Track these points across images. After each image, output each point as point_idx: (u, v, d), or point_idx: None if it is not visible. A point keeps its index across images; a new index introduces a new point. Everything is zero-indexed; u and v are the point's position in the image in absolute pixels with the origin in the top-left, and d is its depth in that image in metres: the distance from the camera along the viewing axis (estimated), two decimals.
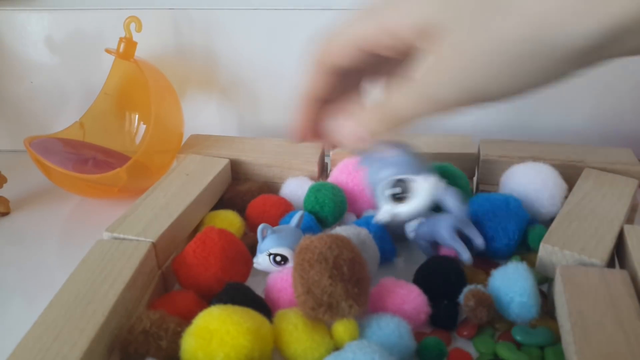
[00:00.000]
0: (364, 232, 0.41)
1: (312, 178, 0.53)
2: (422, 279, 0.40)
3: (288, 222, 0.43)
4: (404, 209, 0.41)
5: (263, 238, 0.40)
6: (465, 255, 0.40)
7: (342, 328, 0.34)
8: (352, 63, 0.31)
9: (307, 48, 0.33)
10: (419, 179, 0.40)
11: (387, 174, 0.41)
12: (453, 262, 0.40)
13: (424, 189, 0.40)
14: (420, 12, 0.26)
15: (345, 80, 0.34)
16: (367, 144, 0.33)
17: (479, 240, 0.41)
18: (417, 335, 0.36)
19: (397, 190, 0.41)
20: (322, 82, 0.33)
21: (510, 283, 0.36)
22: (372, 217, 0.44)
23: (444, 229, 0.41)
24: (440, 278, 0.39)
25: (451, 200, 0.40)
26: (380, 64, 0.32)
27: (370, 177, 0.42)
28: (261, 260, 0.40)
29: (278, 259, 0.39)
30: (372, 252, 0.40)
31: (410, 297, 0.37)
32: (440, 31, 0.26)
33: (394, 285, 0.38)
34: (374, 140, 0.32)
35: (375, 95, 0.33)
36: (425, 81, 0.27)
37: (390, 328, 0.34)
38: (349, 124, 0.33)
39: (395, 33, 0.28)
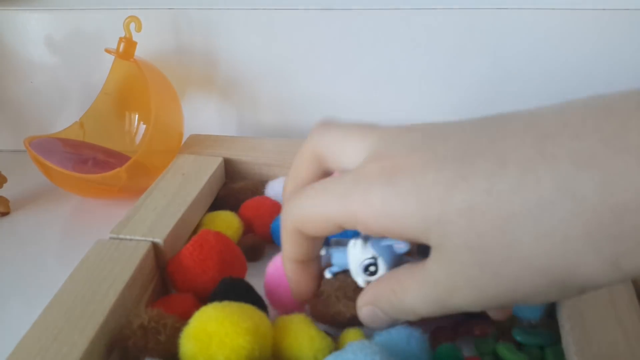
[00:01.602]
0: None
1: None
2: None
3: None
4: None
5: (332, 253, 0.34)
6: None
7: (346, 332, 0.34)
8: (332, 233, 0.27)
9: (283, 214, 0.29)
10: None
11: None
12: None
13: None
14: (394, 222, 0.23)
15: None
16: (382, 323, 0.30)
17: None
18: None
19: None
20: (301, 248, 0.29)
21: None
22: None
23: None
24: None
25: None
26: None
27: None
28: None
29: (373, 269, 0.32)
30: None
31: None
32: (432, 248, 0.23)
33: None
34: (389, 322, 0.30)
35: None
36: (441, 294, 0.24)
37: (400, 334, 0.33)
38: (363, 306, 0.29)
39: (370, 228, 0.24)
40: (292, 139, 0.57)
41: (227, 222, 0.46)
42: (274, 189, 0.51)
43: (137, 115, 0.65)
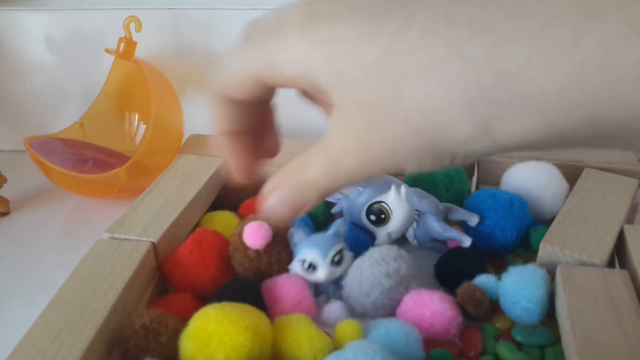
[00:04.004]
0: (403, 252, 0.40)
1: None
2: (442, 273, 0.41)
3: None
4: (392, 228, 0.44)
5: (295, 243, 0.40)
6: (465, 241, 0.42)
7: (344, 327, 0.34)
8: (257, 94, 0.26)
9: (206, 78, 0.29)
10: (386, 196, 0.43)
11: (358, 206, 0.44)
12: (467, 252, 0.41)
13: (396, 203, 0.43)
14: (307, 70, 0.23)
15: (268, 101, 0.29)
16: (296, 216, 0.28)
17: (472, 219, 0.43)
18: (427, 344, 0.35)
19: (374, 214, 0.44)
20: (230, 116, 0.28)
21: (522, 286, 0.36)
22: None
23: (434, 225, 0.43)
24: (459, 268, 0.40)
25: (416, 201, 0.42)
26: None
27: (346, 213, 0.46)
28: (293, 267, 0.40)
29: (306, 265, 0.39)
30: (410, 267, 0.40)
31: (439, 314, 0.36)
32: (334, 103, 0.23)
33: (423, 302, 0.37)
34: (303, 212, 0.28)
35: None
36: (333, 155, 0.24)
37: (398, 335, 0.34)
38: (270, 197, 0.28)
39: (285, 78, 0.24)
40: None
41: (226, 222, 0.46)
42: None
43: (137, 115, 0.65)
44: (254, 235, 0.38)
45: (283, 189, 0.27)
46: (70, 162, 0.57)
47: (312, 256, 0.38)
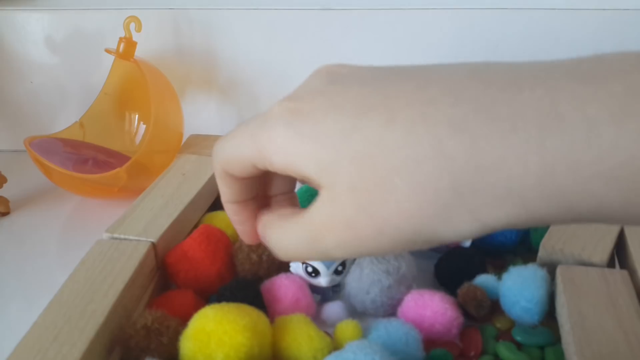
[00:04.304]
0: (404, 251, 0.40)
1: None
2: (442, 273, 0.41)
3: None
4: None
5: None
6: (465, 241, 0.42)
7: (344, 327, 0.34)
8: (255, 174, 0.28)
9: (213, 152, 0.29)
10: None
11: None
12: (467, 252, 0.41)
13: None
14: (295, 163, 0.24)
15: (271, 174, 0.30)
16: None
17: None
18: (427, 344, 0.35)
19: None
20: (235, 189, 0.29)
21: (522, 287, 0.36)
22: None
23: None
24: (460, 268, 0.40)
25: None
26: None
27: None
28: (295, 266, 0.40)
29: (310, 270, 0.39)
30: (411, 266, 0.40)
31: (439, 314, 0.36)
32: (322, 187, 0.24)
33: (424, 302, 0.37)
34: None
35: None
36: (314, 233, 0.25)
37: (398, 335, 0.34)
38: (260, 231, 0.30)
39: (276, 168, 0.25)
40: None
41: (226, 222, 0.46)
42: None
43: (137, 115, 0.65)
44: None
45: (266, 236, 0.29)
46: (70, 162, 0.57)
47: (317, 265, 0.38)
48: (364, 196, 0.23)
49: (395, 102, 0.23)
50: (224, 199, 0.30)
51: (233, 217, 0.31)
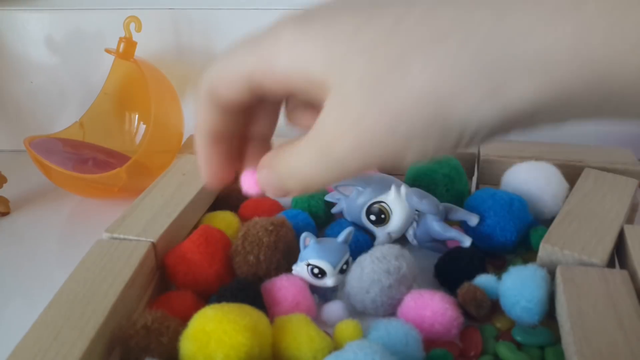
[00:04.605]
0: (405, 251, 0.40)
1: None
2: (442, 273, 0.41)
3: (336, 231, 0.42)
4: (392, 228, 0.44)
5: (305, 246, 0.39)
6: (465, 241, 0.42)
7: (344, 327, 0.34)
8: (246, 98, 0.26)
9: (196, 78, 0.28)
10: (386, 196, 0.43)
11: (358, 206, 0.44)
12: (467, 253, 0.41)
13: (396, 203, 0.43)
14: (304, 61, 0.23)
15: (255, 110, 0.28)
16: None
17: (472, 219, 0.43)
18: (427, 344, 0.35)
19: (374, 214, 0.44)
20: (216, 118, 0.27)
21: (522, 286, 0.36)
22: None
23: (434, 225, 0.43)
24: (460, 268, 0.40)
25: (416, 201, 0.42)
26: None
27: (346, 213, 0.46)
28: (299, 269, 0.39)
29: (316, 271, 0.38)
30: (411, 266, 0.40)
31: (439, 314, 0.36)
32: (330, 89, 0.23)
33: (424, 302, 0.37)
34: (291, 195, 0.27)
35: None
36: (325, 143, 0.24)
37: (398, 335, 0.34)
38: (262, 173, 0.27)
39: (279, 74, 0.24)
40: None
41: (226, 222, 0.46)
42: None
43: (137, 115, 0.65)
44: (249, 180, 0.32)
45: (271, 171, 0.27)
46: (70, 162, 0.57)
47: (323, 264, 0.38)
48: (375, 87, 0.21)
49: None
50: (200, 129, 0.28)
51: (203, 150, 0.29)
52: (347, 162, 0.23)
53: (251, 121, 0.29)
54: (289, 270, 0.40)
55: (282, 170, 0.26)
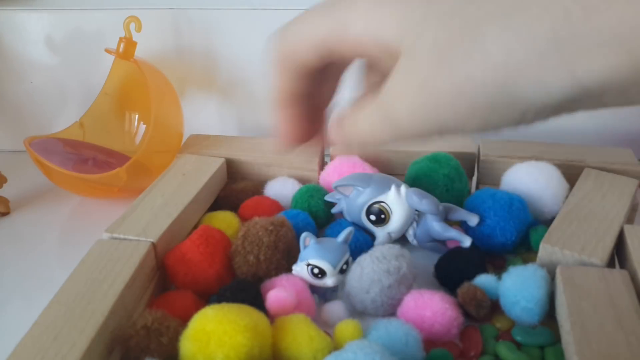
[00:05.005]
0: (405, 251, 0.40)
1: (312, 178, 0.53)
2: (442, 273, 0.41)
3: (336, 231, 0.42)
4: (392, 228, 0.44)
5: (305, 246, 0.39)
6: (465, 241, 0.42)
7: (344, 327, 0.34)
8: (321, 60, 0.27)
9: (268, 43, 0.29)
10: (386, 196, 0.43)
11: (358, 206, 0.44)
12: (467, 253, 0.41)
13: (396, 203, 0.43)
14: (378, 25, 0.24)
15: (328, 71, 0.29)
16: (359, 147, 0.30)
17: (472, 219, 0.43)
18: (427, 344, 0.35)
19: (374, 214, 0.44)
20: (291, 82, 0.28)
21: (522, 286, 0.36)
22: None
23: (434, 225, 0.43)
24: (460, 268, 0.40)
25: (416, 201, 0.42)
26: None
27: (346, 213, 0.46)
28: (299, 269, 0.39)
29: (316, 271, 0.38)
30: (411, 266, 0.40)
31: (439, 314, 0.36)
32: (401, 53, 0.23)
33: (424, 302, 0.37)
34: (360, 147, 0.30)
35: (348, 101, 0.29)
36: (387, 104, 0.24)
37: (398, 335, 0.34)
38: (332, 132, 0.29)
39: (353, 39, 0.25)
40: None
41: (227, 222, 0.46)
42: (273, 189, 0.51)
43: (137, 115, 0.65)
44: (277, 302, 0.36)
45: (339, 129, 0.28)
46: (70, 162, 0.57)
47: (323, 264, 0.38)
48: (447, 52, 0.21)
49: None
50: (277, 92, 0.29)
51: (283, 113, 0.30)
52: (405, 123, 0.24)
53: (318, 84, 0.30)
54: (289, 270, 0.40)
55: (346, 128, 0.27)
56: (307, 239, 0.39)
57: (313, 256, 0.38)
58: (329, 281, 0.38)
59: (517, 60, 0.20)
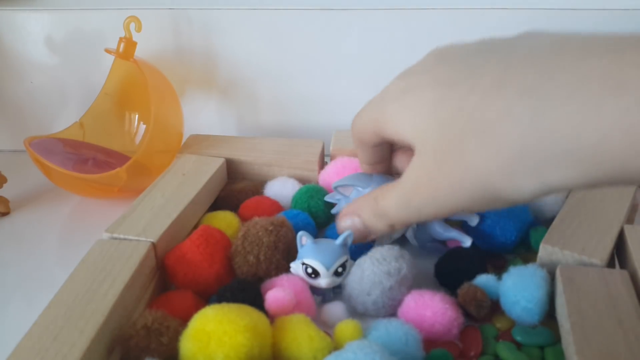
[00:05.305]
0: (405, 252, 0.40)
1: (312, 178, 0.53)
2: (442, 273, 0.41)
3: (336, 232, 0.41)
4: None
5: (301, 245, 0.39)
6: (466, 241, 0.42)
7: (344, 327, 0.34)
8: (377, 140, 0.35)
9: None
10: None
11: None
12: (467, 253, 0.41)
13: None
14: (399, 129, 0.31)
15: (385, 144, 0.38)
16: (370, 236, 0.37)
17: (472, 219, 0.43)
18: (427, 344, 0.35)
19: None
20: (366, 152, 0.39)
21: (522, 286, 0.36)
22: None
23: (434, 225, 0.43)
24: (460, 268, 0.40)
25: None
26: None
27: None
28: (296, 267, 0.39)
29: (309, 270, 0.38)
30: (411, 267, 0.40)
31: (440, 314, 0.36)
32: (415, 150, 0.30)
33: (424, 302, 0.37)
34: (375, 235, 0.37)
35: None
36: (407, 192, 0.31)
37: (398, 335, 0.33)
38: (346, 220, 0.37)
39: (389, 135, 0.32)
40: (291, 139, 0.57)
41: (227, 222, 0.46)
42: (273, 189, 0.51)
43: (137, 115, 0.65)
44: (276, 303, 0.36)
45: (359, 216, 0.36)
46: (70, 162, 0.57)
47: (316, 265, 0.38)
48: (443, 157, 0.27)
49: (479, 71, 0.26)
50: (360, 161, 0.41)
51: (365, 167, 0.41)
52: (424, 211, 0.30)
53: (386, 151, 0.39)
54: (289, 270, 0.40)
55: (371, 214, 0.35)
56: (303, 238, 0.39)
57: (307, 256, 0.38)
58: (322, 282, 0.38)
59: (492, 169, 0.25)
